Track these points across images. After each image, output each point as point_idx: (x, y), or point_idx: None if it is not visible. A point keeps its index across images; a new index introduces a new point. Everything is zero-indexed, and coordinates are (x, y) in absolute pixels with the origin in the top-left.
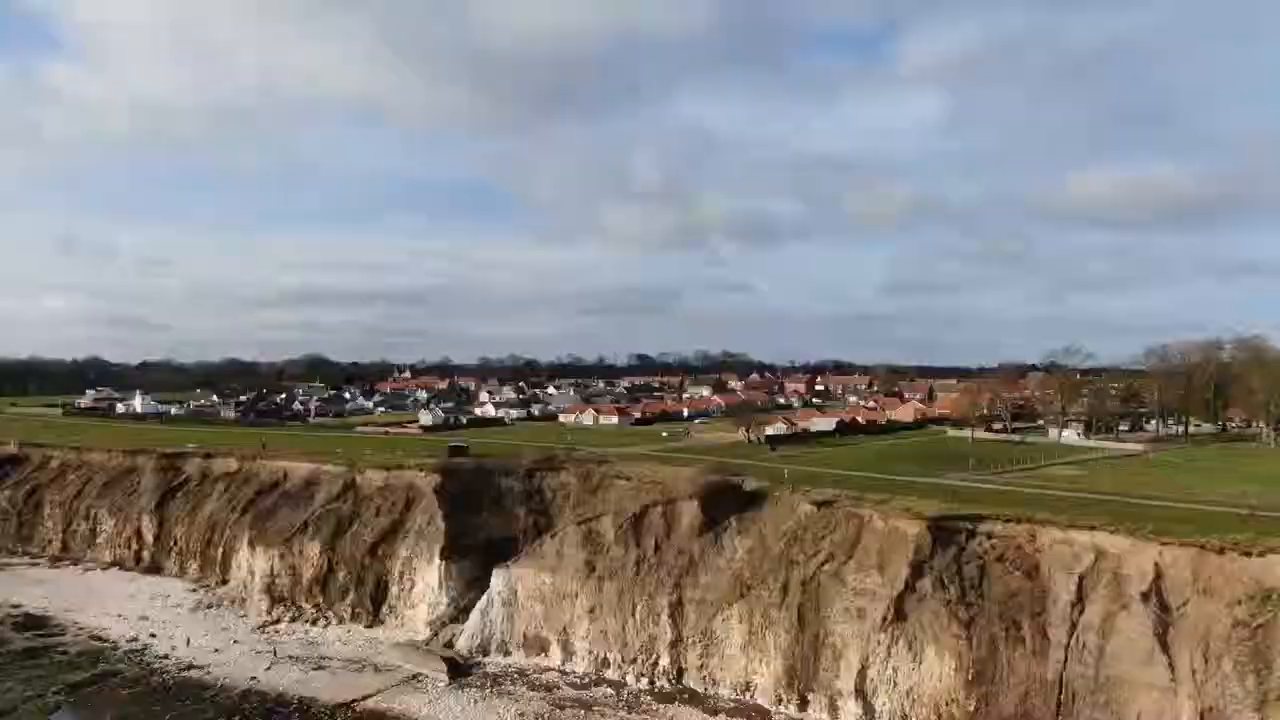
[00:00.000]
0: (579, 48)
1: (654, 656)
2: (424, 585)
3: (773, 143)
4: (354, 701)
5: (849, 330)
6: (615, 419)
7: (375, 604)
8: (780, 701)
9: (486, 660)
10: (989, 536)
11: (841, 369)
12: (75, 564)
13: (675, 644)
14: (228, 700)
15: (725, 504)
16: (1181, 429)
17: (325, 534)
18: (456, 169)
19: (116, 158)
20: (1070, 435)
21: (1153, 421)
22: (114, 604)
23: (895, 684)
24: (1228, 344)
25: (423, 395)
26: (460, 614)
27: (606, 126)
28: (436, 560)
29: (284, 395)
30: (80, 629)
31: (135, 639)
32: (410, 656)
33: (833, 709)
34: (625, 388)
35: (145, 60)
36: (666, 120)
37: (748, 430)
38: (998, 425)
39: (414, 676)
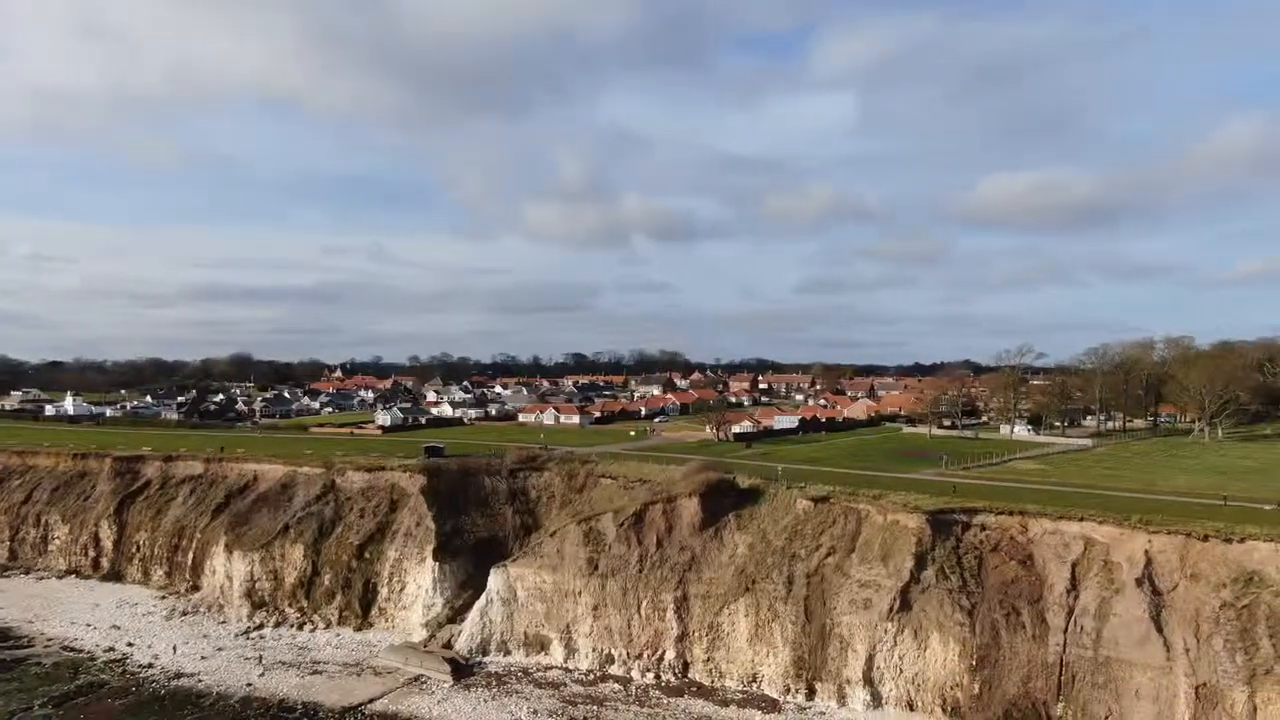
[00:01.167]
0: (504, 44)
1: (660, 651)
2: (415, 587)
3: (693, 143)
4: (361, 705)
5: (766, 328)
6: (576, 418)
7: (364, 607)
8: (788, 691)
9: (487, 660)
10: (983, 528)
11: (769, 366)
12: (27, 572)
13: (681, 638)
14: (227, 708)
15: (723, 501)
16: (1117, 425)
17: (308, 537)
18: (375, 164)
19: (10, 149)
20: (1021, 431)
21: (1090, 418)
22: (79, 613)
23: (901, 671)
24: (1159, 344)
25: (369, 395)
26: (456, 615)
27: (530, 124)
28: (429, 561)
29: (222, 396)
30: (49, 640)
31: (112, 649)
32: (410, 658)
33: (840, 697)
34: (575, 386)
35: (46, 45)
36: (590, 119)
37: (717, 428)
38: (946, 422)
39: (416, 678)
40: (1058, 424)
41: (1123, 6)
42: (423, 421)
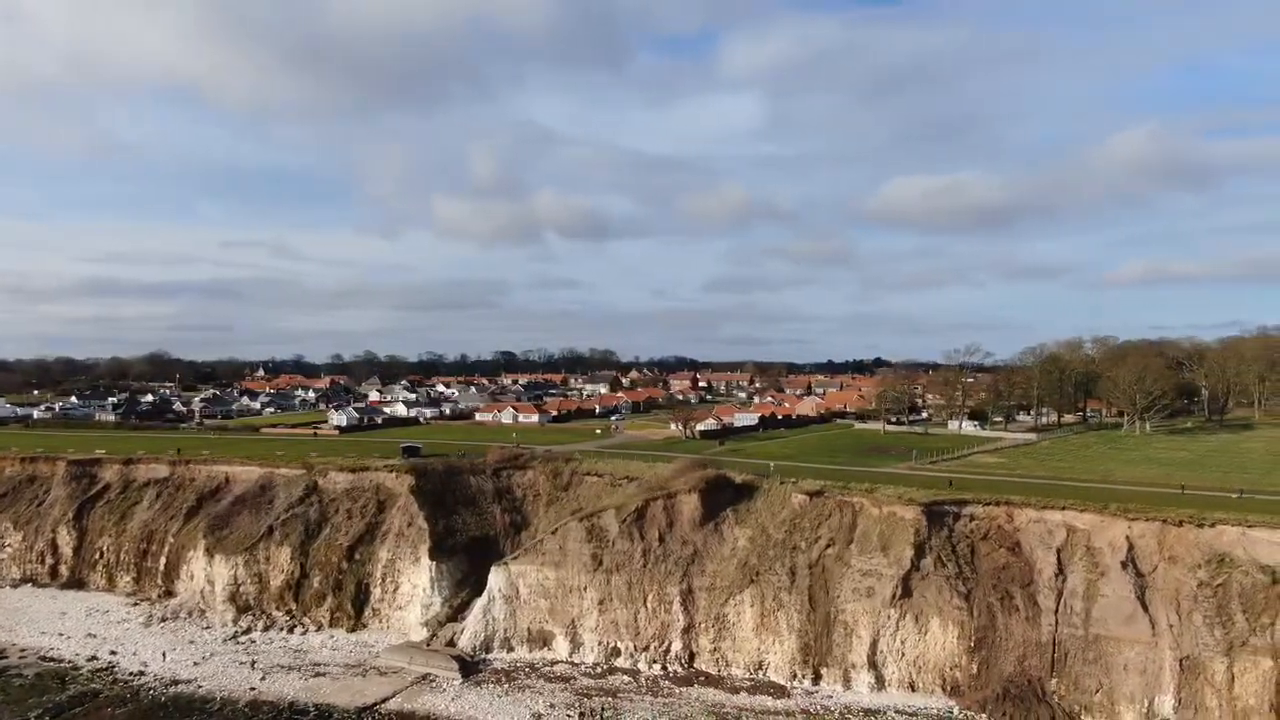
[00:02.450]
0: (420, 37)
1: (666, 643)
2: (410, 586)
3: (607, 141)
4: (375, 705)
5: (677, 326)
6: (535, 417)
7: (357, 608)
8: (795, 677)
9: (491, 657)
10: (972, 518)
11: (688, 364)
12: None
13: (688, 630)
14: (236, 713)
15: (720, 496)
16: (1051, 420)
17: (294, 539)
18: (281, 157)
19: None
20: (968, 426)
21: (1024, 414)
22: (47, 622)
23: (903, 654)
24: (1087, 343)
25: (310, 395)
26: (455, 613)
27: (444, 119)
28: (425, 561)
29: (152, 396)
30: (22, 650)
31: (94, 657)
32: (414, 658)
33: (846, 681)
34: (521, 385)
35: None
36: (505, 115)
37: (684, 426)
38: (893, 419)
39: (423, 677)
40: (999, 419)
41: (1019, 18)
42: (379, 422)
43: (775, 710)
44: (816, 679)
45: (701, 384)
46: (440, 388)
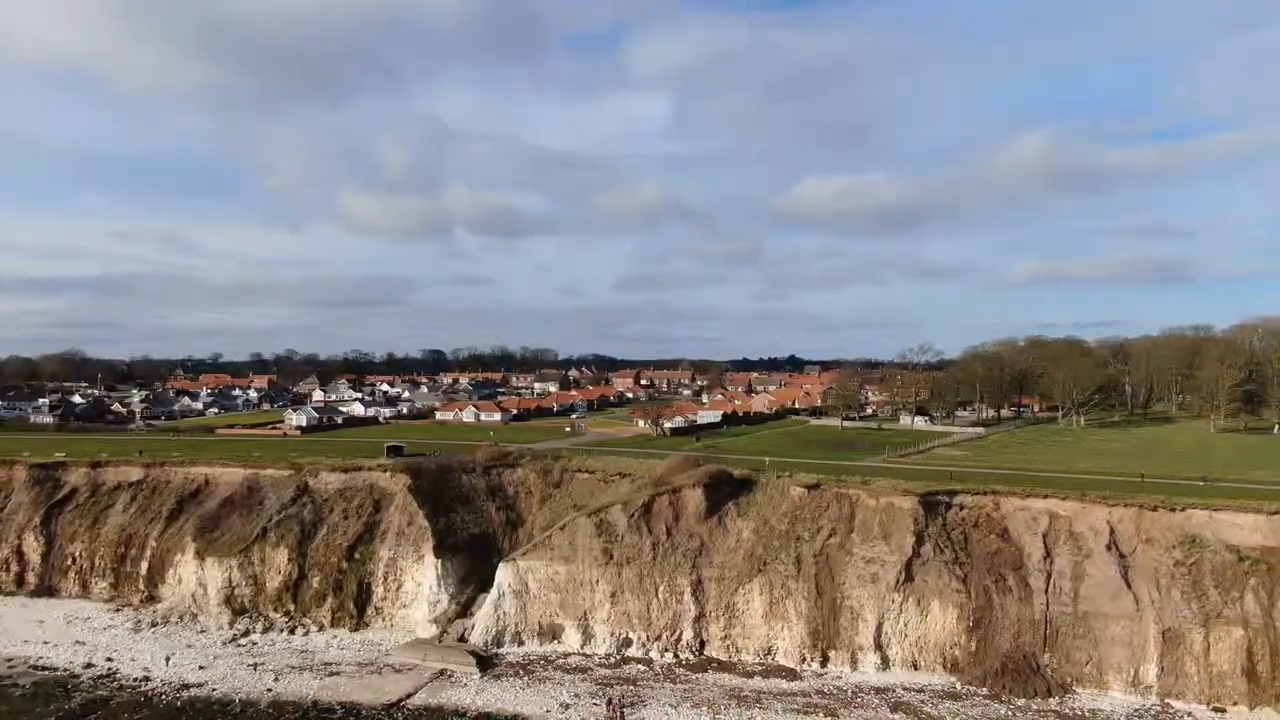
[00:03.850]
0: (329, 27)
1: (678, 632)
2: (414, 584)
3: (519, 138)
4: (400, 701)
5: (588, 324)
6: (497, 416)
7: (359, 607)
8: (804, 660)
9: (503, 651)
10: (962, 507)
11: (606, 361)
12: None
13: (699, 619)
14: (259, 714)
15: (722, 491)
16: (990, 415)
17: (291, 540)
18: (180, 146)
19: None
20: (920, 421)
21: (965, 409)
22: (24, 631)
23: (906, 635)
24: (1021, 342)
25: (252, 394)
26: (463, 610)
27: (355, 112)
28: (430, 558)
29: (80, 398)
30: (9, 660)
31: (90, 665)
32: (428, 654)
33: (853, 662)
34: (469, 384)
35: None
36: (416, 109)
37: (656, 423)
38: (849, 415)
39: (440, 672)
40: (946, 415)
41: (917, 25)
42: (339, 421)
43: (790, 691)
44: (825, 661)
45: (644, 382)
46: (385, 387)
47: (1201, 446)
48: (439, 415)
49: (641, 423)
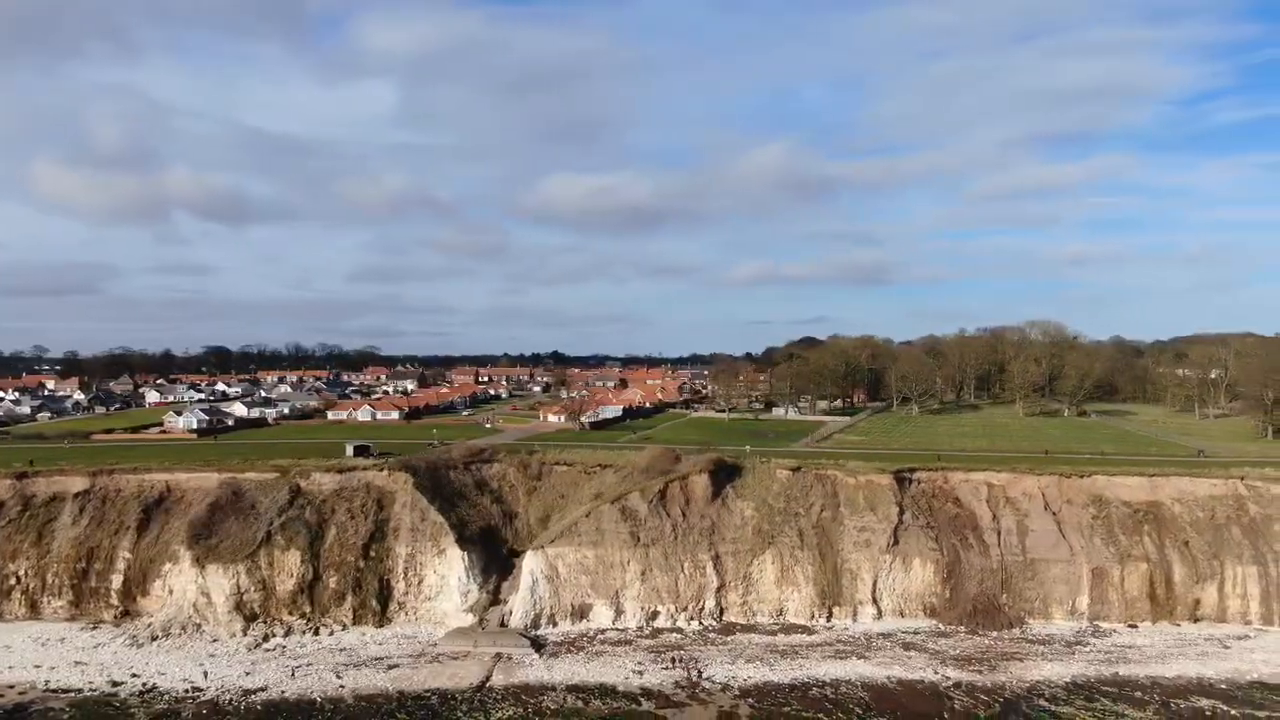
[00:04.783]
0: None
1: (701, 602)
2: (437, 577)
3: (247, 121)
4: (484, 683)
5: (316, 317)
6: (395, 414)
7: (382, 604)
8: (813, 617)
9: (541, 633)
10: (920, 482)
11: (371, 358)
12: None
13: (720, 589)
14: (355, 709)
15: (721, 476)
16: (835, 405)
17: (301, 542)
18: None
19: None
20: (792, 412)
21: (802, 401)
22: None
23: (894, 589)
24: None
25: (80, 397)
26: (493, 598)
27: (62, 79)
28: (454, 551)
29: None
30: (19, 688)
31: (116, 683)
32: (479, 641)
33: (854, 615)
34: (323, 382)
35: None
36: (136, 82)
37: (575, 418)
38: (726, 407)
39: (497, 656)
40: (803, 405)
41: (649, 31)
42: (230, 424)
43: (815, 643)
44: (829, 616)
45: (483, 380)
46: (223, 387)
47: (1028, 427)
48: (331, 415)
49: (552, 417)
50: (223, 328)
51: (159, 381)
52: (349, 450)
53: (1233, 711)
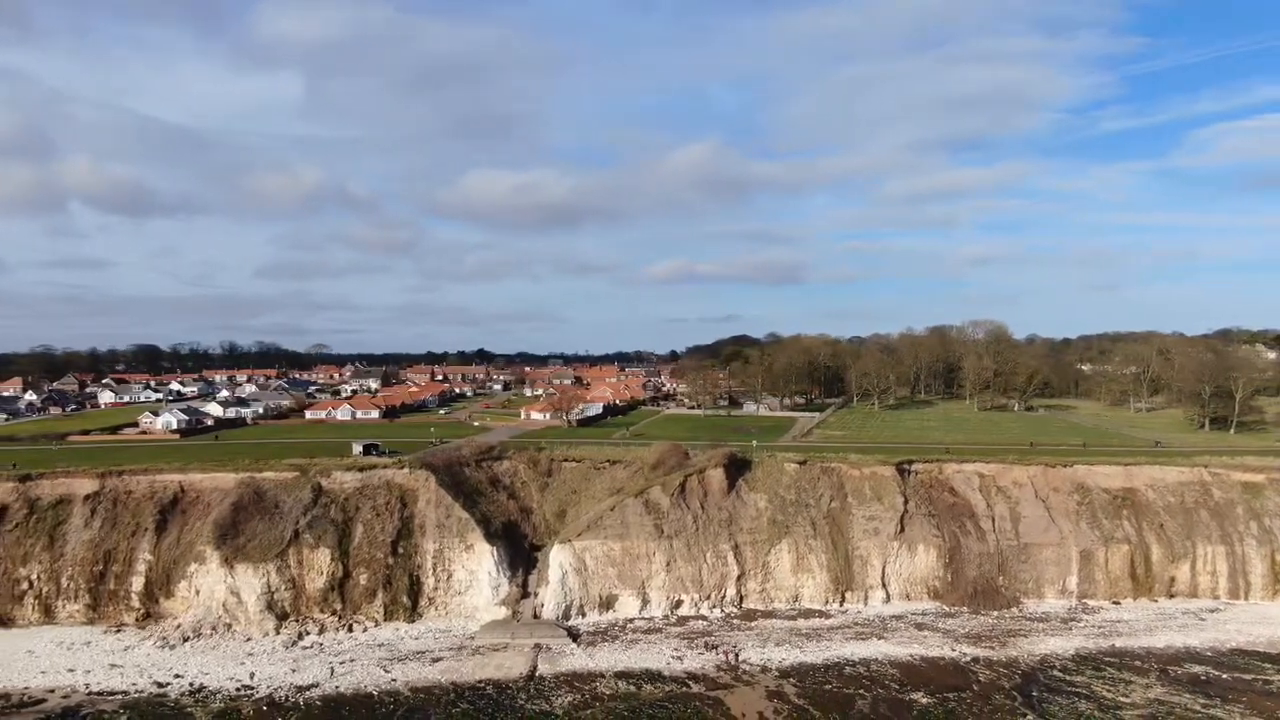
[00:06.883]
0: None
1: (723, 590)
2: (466, 573)
3: (149, 110)
4: (533, 673)
5: (218, 314)
6: (375, 413)
7: (413, 599)
8: (827, 602)
9: (572, 623)
10: (918, 473)
11: (289, 356)
12: None
13: (740, 577)
14: (415, 701)
15: (733, 470)
16: (798, 401)
17: (330, 540)
18: None
19: None
20: (762, 408)
21: (769, 397)
22: (21, 662)
23: (901, 574)
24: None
25: (31, 397)
26: (522, 591)
27: None
28: (483, 546)
29: None
30: (62, 692)
31: (162, 685)
32: (516, 633)
33: (865, 599)
34: (285, 382)
35: None
36: (26, 67)
37: (565, 414)
38: (697, 403)
39: (536, 646)
40: (770, 401)
41: (559, 28)
42: (209, 424)
43: (834, 626)
44: (843, 601)
45: (439, 378)
46: (177, 386)
47: (986, 421)
48: (309, 414)
49: (536, 414)
50: (111, 324)
51: (105, 381)
52: (357, 449)
53: (1224, 676)
